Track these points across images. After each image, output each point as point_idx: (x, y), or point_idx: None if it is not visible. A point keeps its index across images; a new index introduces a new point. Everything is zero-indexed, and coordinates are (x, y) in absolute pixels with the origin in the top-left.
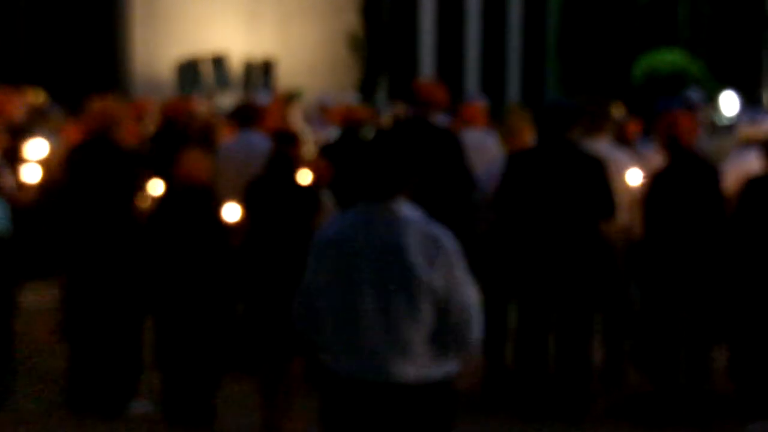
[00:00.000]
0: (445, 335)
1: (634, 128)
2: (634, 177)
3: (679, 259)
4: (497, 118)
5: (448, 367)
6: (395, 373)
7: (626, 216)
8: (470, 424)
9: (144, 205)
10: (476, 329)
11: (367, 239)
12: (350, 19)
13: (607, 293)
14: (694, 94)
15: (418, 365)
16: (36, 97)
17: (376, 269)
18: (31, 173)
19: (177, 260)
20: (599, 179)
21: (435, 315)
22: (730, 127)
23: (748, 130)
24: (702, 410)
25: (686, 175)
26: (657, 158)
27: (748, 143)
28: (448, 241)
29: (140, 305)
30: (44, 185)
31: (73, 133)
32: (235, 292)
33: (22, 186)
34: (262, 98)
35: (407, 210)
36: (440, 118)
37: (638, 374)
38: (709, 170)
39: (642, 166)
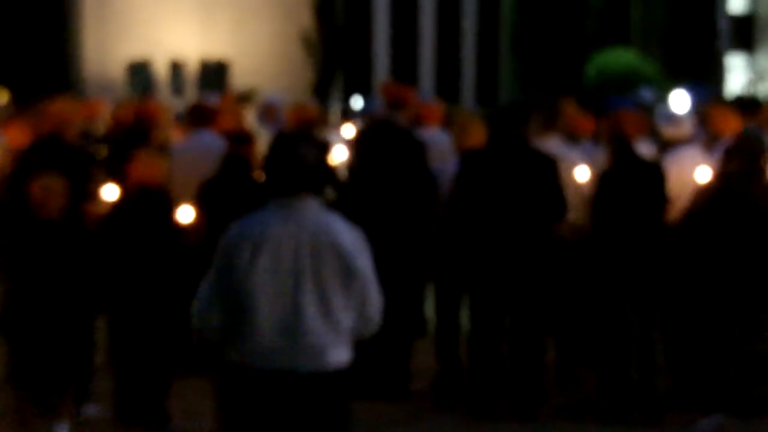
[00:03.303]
0: (361, 321)
1: (585, 125)
2: (582, 175)
3: (624, 257)
4: (451, 117)
5: (351, 352)
6: (333, 360)
7: (577, 214)
8: (423, 423)
9: (97, 206)
10: (379, 316)
11: (294, 233)
12: (304, 20)
13: (559, 292)
14: (647, 94)
15: (345, 351)
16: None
17: (314, 261)
18: None
19: (131, 262)
20: (551, 178)
21: (359, 302)
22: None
23: (670, 131)
24: (653, 407)
25: (630, 174)
26: (604, 157)
27: (674, 143)
28: (361, 233)
29: (92, 308)
30: None
31: (19, 132)
32: (189, 293)
33: None
34: (212, 99)
35: (320, 206)
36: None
37: (591, 372)
38: (652, 170)
39: (591, 164)
